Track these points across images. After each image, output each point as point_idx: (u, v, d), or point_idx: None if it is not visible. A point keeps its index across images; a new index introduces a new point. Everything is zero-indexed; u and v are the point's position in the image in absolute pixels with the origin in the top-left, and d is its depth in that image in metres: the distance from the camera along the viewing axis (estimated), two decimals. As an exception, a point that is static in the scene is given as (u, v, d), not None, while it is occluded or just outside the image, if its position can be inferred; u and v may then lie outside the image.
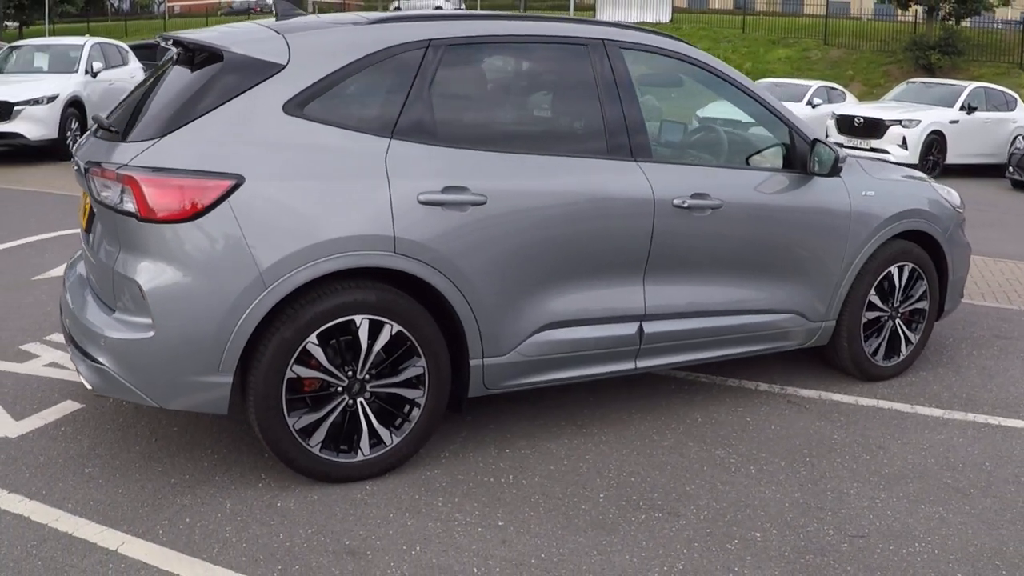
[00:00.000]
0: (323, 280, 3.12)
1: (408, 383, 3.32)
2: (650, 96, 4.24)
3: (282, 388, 3.11)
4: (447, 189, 3.25)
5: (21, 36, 29.44)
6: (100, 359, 3.09)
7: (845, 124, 14.08)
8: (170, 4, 48.95)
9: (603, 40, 3.69)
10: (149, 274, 2.99)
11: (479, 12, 3.90)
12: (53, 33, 27.48)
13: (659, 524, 3.13)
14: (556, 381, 3.68)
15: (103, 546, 2.86)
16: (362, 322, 3.18)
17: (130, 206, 2.98)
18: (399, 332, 3.24)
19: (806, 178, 4.10)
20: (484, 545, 2.96)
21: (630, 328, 3.73)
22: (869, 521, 3.21)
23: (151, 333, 2.99)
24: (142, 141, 3.03)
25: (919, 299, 4.58)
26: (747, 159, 4.18)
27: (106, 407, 3.85)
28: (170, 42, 3.47)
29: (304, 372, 3.15)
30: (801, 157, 4.07)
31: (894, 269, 4.43)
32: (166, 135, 3.02)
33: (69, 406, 3.86)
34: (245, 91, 3.10)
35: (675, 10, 32.81)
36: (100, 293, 3.26)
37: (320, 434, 3.22)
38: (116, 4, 43.17)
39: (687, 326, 3.88)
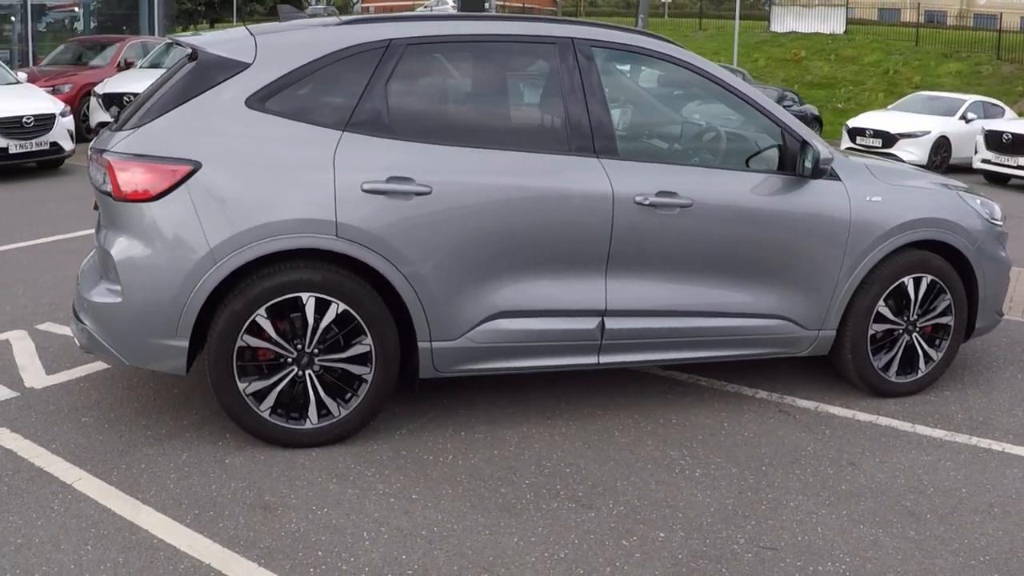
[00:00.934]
0: (272, 258, 3.39)
1: (355, 359, 3.53)
2: (628, 96, 4.24)
3: (233, 355, 3.41)
4: (392, 179, 3.44)
5: (212, 34, 31.17)
6: (85, 321, 3.53)
7: (994, 140, 12.99)
8: (365, 4, 50.75)
9: (572, 39, 3.74)
10: (120, 247, 3.39)
11: (450, 14, 4.06)
12: (242, 32, 29.42)
13: (566, 514, 3.16)
14: (512, 370, 3.77)
15: (62, 480, 3.25)
16: (308, 299, 3.42)
17: (108, 187, 3.39)
18: (345, 311, 3.46)
19: (798, 181, 3.96)
20: (386, 514, 3.11)
21: (590, 323, 3.75)
22: (792, 535, 3.08)
23: (120, 299, 3.39)
24: (127, 131, 3.45)
25: (941, 314, 4.27)
26: (747, 161, 4.09)
27: (127, 369, 4.32)
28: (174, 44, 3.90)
29: (254, 342, 3.43)
30: (792, 158, 3.94)
31: (908, 280, 4.16)
32: (143, 125, 3.42)
33: (97, 366, 4.35)
34: (213, 86, 3.44)
35: (850, 21, 31.35)
36: (99, 267, 3.71)
37: (270, 400, 3.49)
38: (312, 4, 44.85)
39: (656, 325, 3.84)
